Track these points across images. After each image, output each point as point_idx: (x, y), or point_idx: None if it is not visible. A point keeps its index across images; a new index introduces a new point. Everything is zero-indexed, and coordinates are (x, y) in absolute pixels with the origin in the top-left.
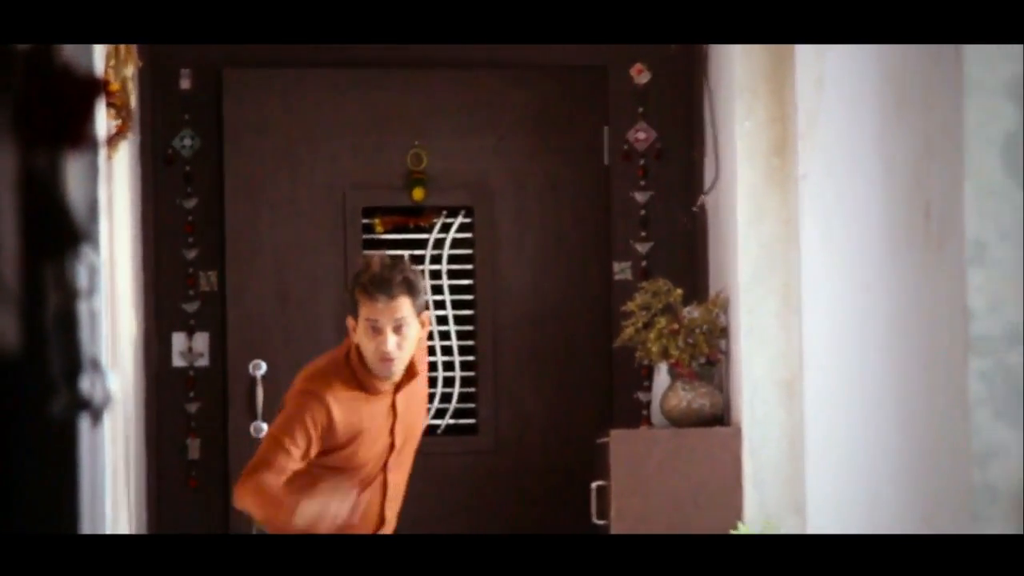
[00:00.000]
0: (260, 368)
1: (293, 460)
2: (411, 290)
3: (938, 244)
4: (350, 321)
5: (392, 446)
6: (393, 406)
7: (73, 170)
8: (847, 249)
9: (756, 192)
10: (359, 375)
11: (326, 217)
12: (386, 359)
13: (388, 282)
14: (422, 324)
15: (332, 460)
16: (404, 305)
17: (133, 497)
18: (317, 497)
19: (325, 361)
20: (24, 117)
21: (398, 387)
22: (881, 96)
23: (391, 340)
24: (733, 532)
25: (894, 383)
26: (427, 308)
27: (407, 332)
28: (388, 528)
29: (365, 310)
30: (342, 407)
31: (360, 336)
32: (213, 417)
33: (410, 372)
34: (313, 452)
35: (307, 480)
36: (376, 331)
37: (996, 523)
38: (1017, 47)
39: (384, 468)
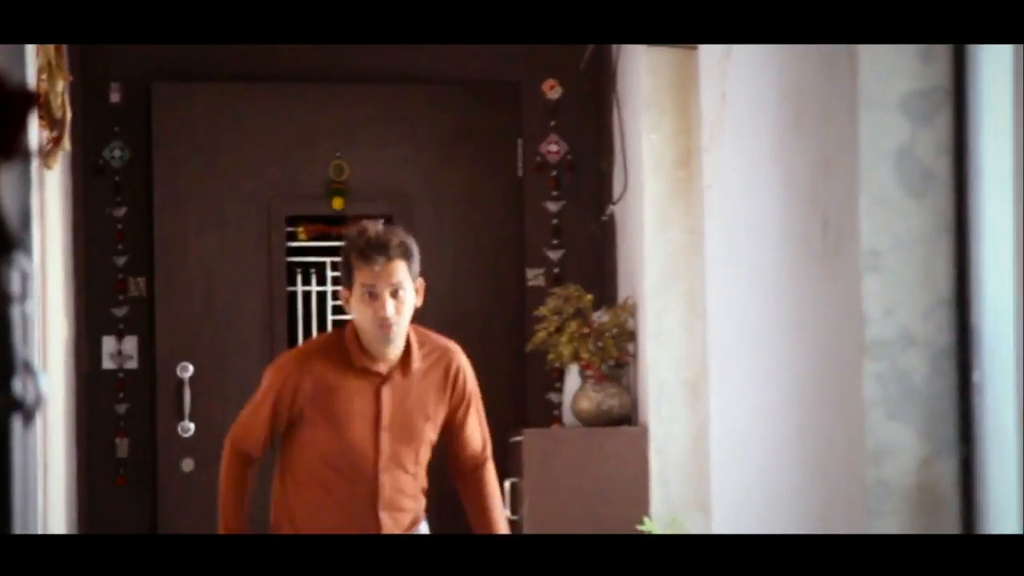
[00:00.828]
0: (187, 370)
1: (260, 420)
2: (407, 254)
3: (835, 253)
4: (343, 292)
5: (377, 441)
6: (377, 396)
7: (6, 180)
8: (749, 257)
9: (662, 202)
10: (350, 353)
11: (251, 225)
12: (384, 325)
13: (385, 245)
14: (417, 291)
15: (322, 446)
16: (400, 269)
17: (63, 494)
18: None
19: (314, 340)
20: None
21: (396, 372)
22: (780, 112)
23: (390, 305)
24: (640, 527)
25: (793, 384)
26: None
27: (404, 297)
28: (388, 531)
29: (361, 275)
30: (315, 380)
31: (355, 304)
32: (141, 417)
33: (404, 366)
34: (278, 419)
35: (307, 477)
36: (373, 296)
37: (890, 518)
38: (908, 63)
39: (376, 468)
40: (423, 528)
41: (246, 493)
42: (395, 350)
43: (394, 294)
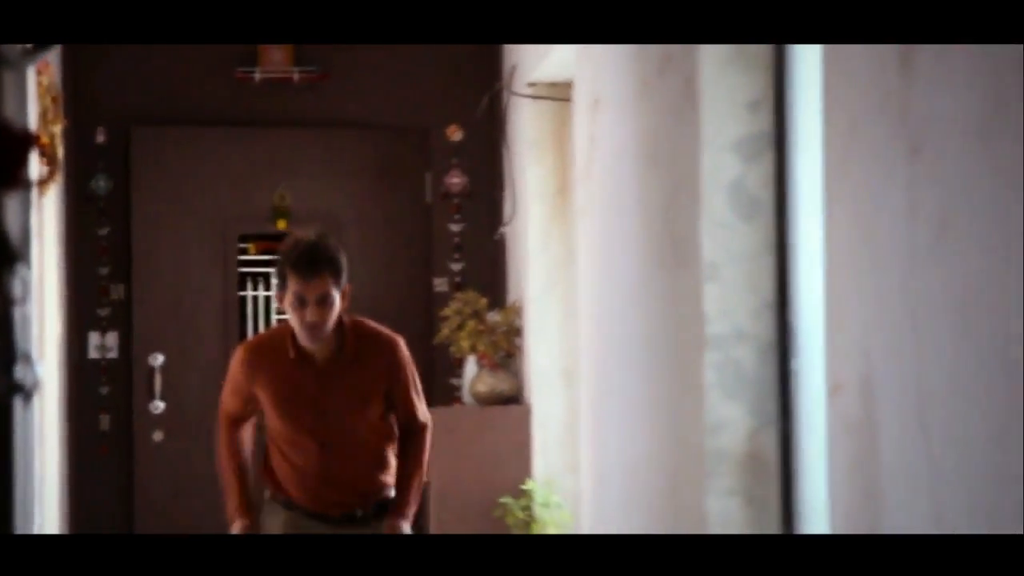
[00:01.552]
0: (158, 359)
1: (229, 395)
2: (334, 268)
3: (681, 265)
4: (278, 294)
5: (319, 421)
6: (317, 380)
7: (10, 205)
8: (613, 268)
9: (543, 224)
10: (292, 345)
11: (210, 242)
12: (311, 328)
13: (314, 261)
14: (344, 296)
15: (275, 425)
16: (327, 281)
17: (57, 460)
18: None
19: (265, 333)
20: None
21: (329, 361)
22: (639, 150)
23: (316, 312)
24: (524, 487)
25: (648, 372)
26: (349, 281)
27: (331, 303)
28: (335, 489)
29: (293, 284)
30: (258, 361)
31: (287, 308)
32: (120, 398)
33: (349, 352)
34: (240, 395)
35: (274, 449)
36: (302, 303)
37: (724, 478)
38: (740, 113)
39: (321, 445)
40: (389, 492)
41: (239, 446)
42: (325, 346)
43: (321, 302)
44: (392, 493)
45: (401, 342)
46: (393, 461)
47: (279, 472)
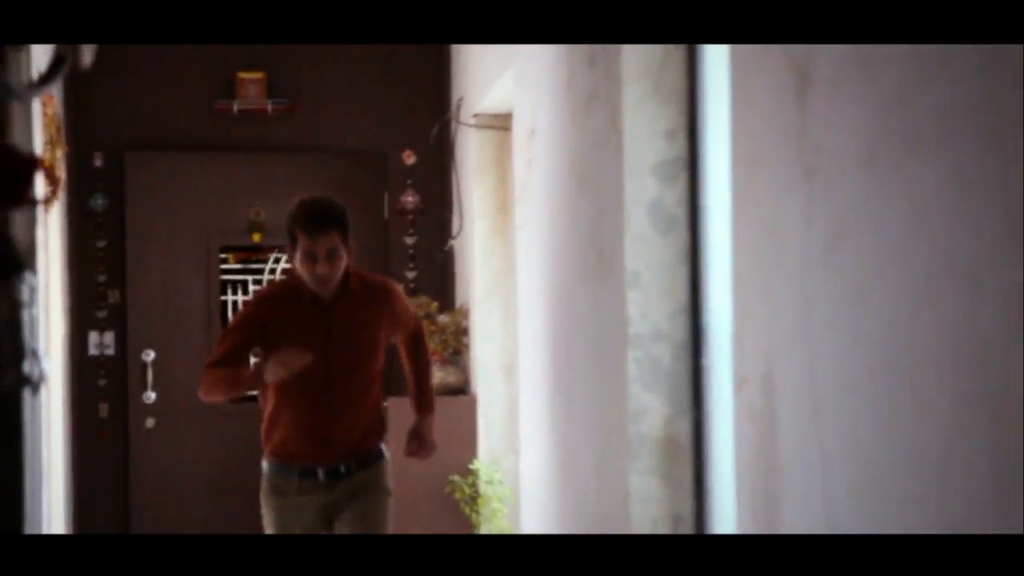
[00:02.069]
0: (149, 355)
1: (226, 346)
2: (341, 224)
3: (607, 274)
4: (289, 252)
5: (329, 357)
6: (328, 316)
7: (19, 220)
8: (547, 277)
9: (486, 238)
10: (302, 288)
11: (195, 252)
12: (321, 280)
13: (321, 218)
14: (349, 252)
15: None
16: (334, 236)
17: (61, 444)
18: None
19: (273, 283)
20: None
21: (336, 306)
22: (569, 174)
23: (324, 266)
24: (471, 466)
25: (578, 366)
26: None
27: (338, 256)
28: (335, 451)
29: (302, 242)
30: (270, 305)
31: (298, 263)
32: (117, 389)
33: (348, 301)
34: (241, 335)
35: (275, 394)
36: (312, 258)
37: (645, 460)
38: (658, 142)
39: (327, 385)
40: (383, 450)
41: (236, 383)
42: (331, 291)
43: (329, 256)
44: (383, 451)
45: (398, 287)
46: (382, 428)
47: (279, 428)
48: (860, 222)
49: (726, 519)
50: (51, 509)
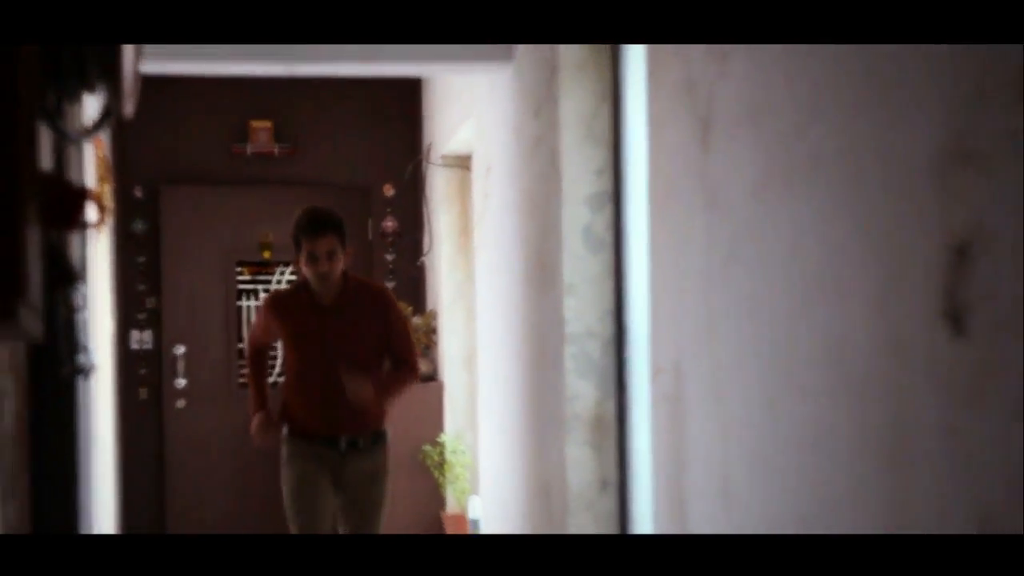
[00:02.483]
0: (180, 349)
1: (251, 338)
2: (337, 228)
3: (550, 284)
4: (295, 256)
5: (328, 346)
6: (325, 316)
7: (74, 241)
8: (500, 287)
9: (451, 255)
10: (308, 291)
11: (216, 266)
12: (323, 278)
13: (321, 224)
14: (347, 254)
15: (291, 349)
16: (333, 240)
17: (109, 421)
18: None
19: (287, 286)
20: (49, 211)
21: (335, 304)
22: (519, 204)
23: (324, 264)
24: (439, 439)
25: (525, 360)
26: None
27: (336, 258)
28: (338, 427)
29: (305, 245)
30: (277, 306)
31: (303, 265)
32: (153, 376)
33: (345, 299)
34: (263, 328)
35: (288, 379)
36: (314, 259)
37: (578, 434)
38: (589, 177)
39: (326, 373)
40: (385, 431)
41: (260, 367)
42: (333, 291)
43: (329, 256)
44: (384, 428)
45: (389, 290)
46: (381, 410)
47: (294, 407)
48: (750, 243)
49: (644, 482)
50: (101, 472)
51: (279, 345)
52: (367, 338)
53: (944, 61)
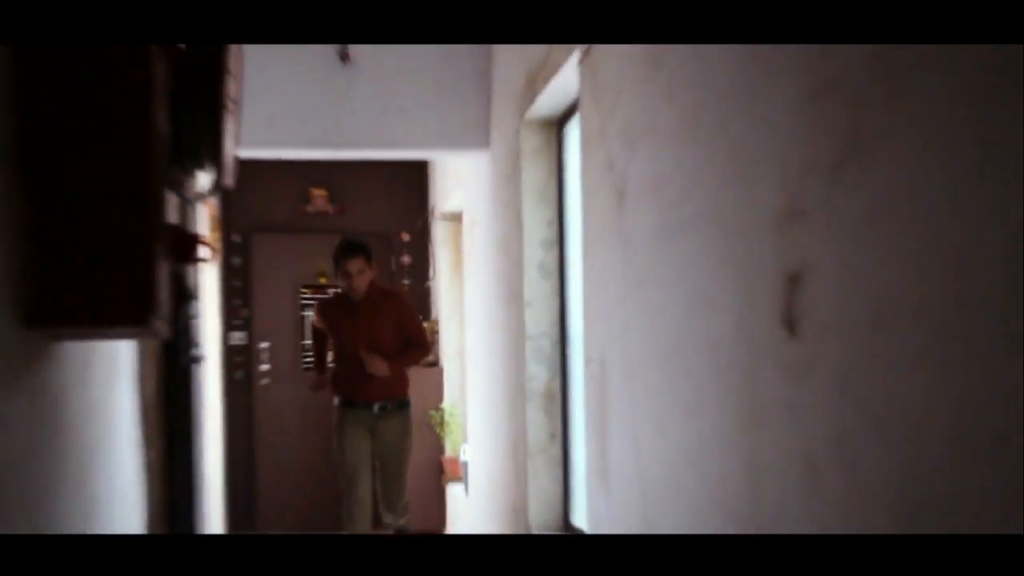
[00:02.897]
0: (263, 345)
1: (315, 324)
2: (364, 252)
3: (515, 301)
4: (333, 272)
5: (357, 337)
6: (357, 314)
7: (190, 271)
8: (482, 303)
9: (448, 281)
10: (345, 296)
11: (288, 288)
12: (355, 289)
13: (350, 250)
14: (372, 269)
15: (334, 338)
16: (360, 261)
17: (218, 394)
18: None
19: (330, 295)
20: (175, 252)
21: (364, 305)
22: (495, 245)
23: (356, 279)
24: (442, 407)
25: (499, 352)
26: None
27: (365, 272)
28: (371, 387)
29: (340, 264)
30: (326, 308)
31: (339, 279)
32: (246, 363)
33: (371, 301)
34: (319, 322)
35: (335, 359)
36: (347, 275)
37: (535, 402)
38: (542, 228)
39: (357, 350)
40: (407, 399)
41: (322, 346)
42: (361, 295)
43: (359, 273)
44: (407, 398)
45: (403, 292)
46: (404, 383)
47: (339, 380)
48: (651, 274)
49: (579, 436)
50: (211, 427)
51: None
52: (387, 326)
53: (781, 147)
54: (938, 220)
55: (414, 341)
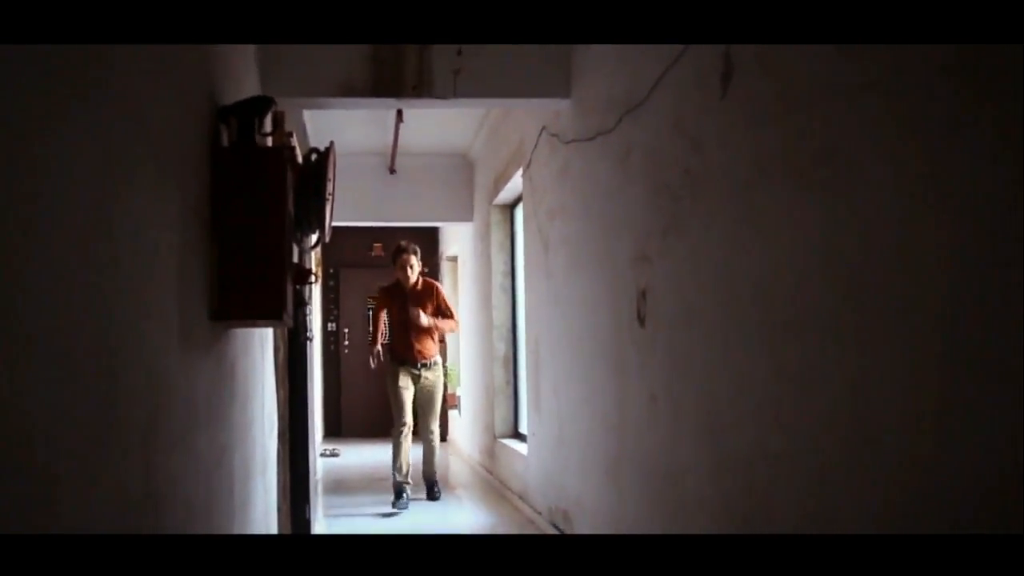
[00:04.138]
0: (345, 330)
1: (377, 305)
2: (416, 252)
3: (486, 309)
4: (393, 268)
5: (407, 312)
6: (407, 296)
7: (305, 288)
8: (470, 307)
9: (448, 295)
10: (396, 285)
11: (359, 296)
12: (406, 279)
13: (406, 250)
14: (422, 265)
15: (390, 314)
16: (413, 258)
17: (319, 361)
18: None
19: (388, 283)
20: (296, 277)
21: (412, 292)
22: (475, 275)
23: (408, 273)
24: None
25: (478, 335)
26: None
27: (414, 268)
28: (415, 351)
29: (398, 261)
30: (386, 293)
31: (397, 272)
32: (336, 340)
33: (418, 288)
34: (380, 302)
35: (391, 329)
36: (403, 269)
37: (498, 366)
38: (504, 260)
39: (408, 323)
40: (437, 359)
41: (379, 324)
42: (410, 284)
43: (411, 268)
44: (437, 359)
45: (439, 284)
46: (438, 345)
47: (394, 344)
48: (563, 292)
49: (523, 383)
50: (317, 376)
51: (387, 313)
52: (427, 305)
53: (634, 221)
54: (718, 262)
55: (445, 314)
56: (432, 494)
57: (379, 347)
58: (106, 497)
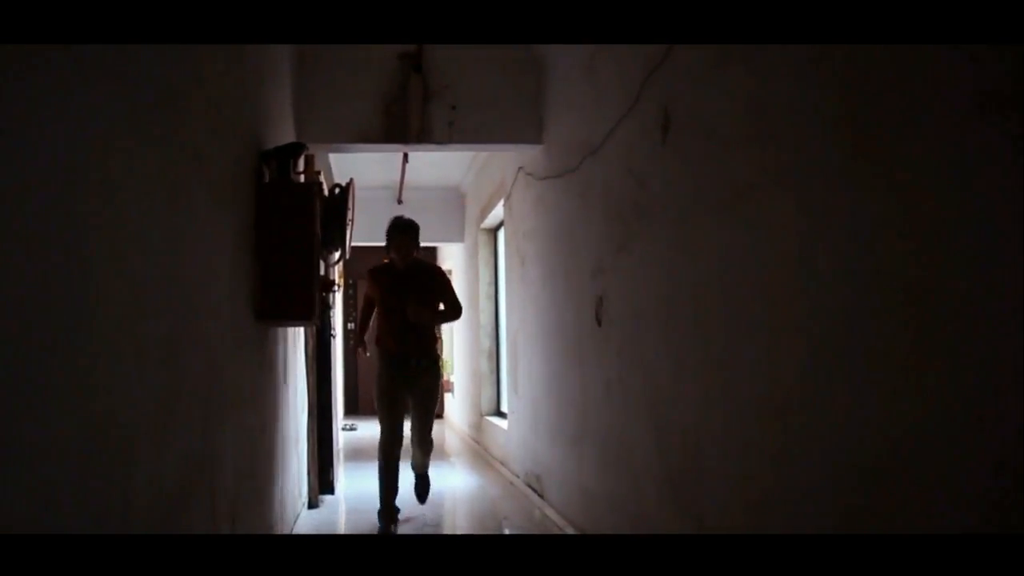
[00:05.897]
0: (351, 323)
1: (366, 294)
2: (412, 229)
3: (475, 308)
4: (388, 246)
5: (402, 297)
6: (402, 279)
7: (330, 295)
8: (464, 312)
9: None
10: (391, 264)
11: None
12: (402, 259)
13: (401, 227)
14: (416, 245)
15: (380, 300)
16: (408, 236)
17: (340, 352)
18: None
19: (379, 263)
20: (323, 287)
21: (407, 272)
22: (467, 284)
23: (403, 252)
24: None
25: (467, 332)
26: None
27: (410, 248)
28: (408, 350)
29: (392, 239)
30: (376, 275)
31: (391, 252)
32: (353, 336)
33: (412, 269)
34: (369, 289)
35: (380, 318)
36: (396, 249)
37: (484, 356)
38: (488, 274)
39: (402, 309)
40: (439, 356)
41: (366, 319)
42: (404, 265)
43: (406, 246)
44: (437, 355)
45: (439, 266)
46: (436, 340)
47: (384, 337)
48: (537, 297)
49: (504, 370)
50: (338, 361)
51: (377, 300)
52: (423, 291)
53: (593, 241)
54: (660, 274)
55: (448, 303)
56: (421, 488)
57: (360, 346)
58: (175, 457)
